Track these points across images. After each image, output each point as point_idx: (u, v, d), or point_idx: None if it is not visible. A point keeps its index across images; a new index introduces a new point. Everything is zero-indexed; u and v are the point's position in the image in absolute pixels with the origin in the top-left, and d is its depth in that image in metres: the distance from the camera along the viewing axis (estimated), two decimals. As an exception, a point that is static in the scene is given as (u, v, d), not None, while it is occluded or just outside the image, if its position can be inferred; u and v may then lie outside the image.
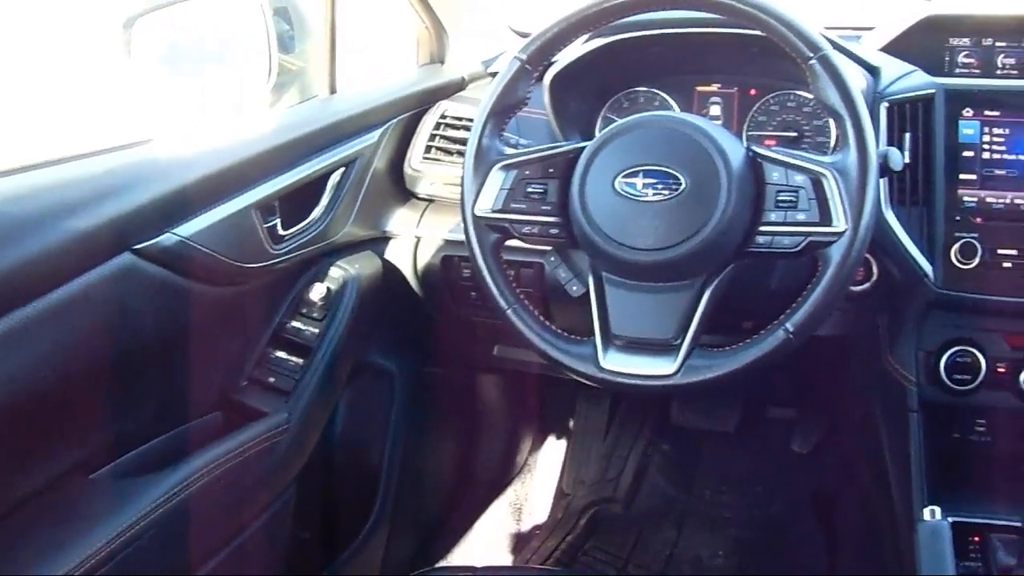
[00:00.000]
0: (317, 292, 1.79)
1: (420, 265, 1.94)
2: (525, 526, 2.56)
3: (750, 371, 1.30)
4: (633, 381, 1.34)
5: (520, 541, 2.51)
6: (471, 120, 1.47)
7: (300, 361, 1.77)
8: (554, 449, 2.72)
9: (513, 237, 1.43)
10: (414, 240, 1.93)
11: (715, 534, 2.49)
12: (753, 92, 1.78)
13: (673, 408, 2.63)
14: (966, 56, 1.78)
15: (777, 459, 2.61)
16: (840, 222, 1.27)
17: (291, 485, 1.80)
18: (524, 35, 1.46)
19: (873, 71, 1.67)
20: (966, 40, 1.78)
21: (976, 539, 1.53)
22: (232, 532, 1.65)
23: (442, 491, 2.42)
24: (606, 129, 1.39)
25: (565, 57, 1.72)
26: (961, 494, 1.60)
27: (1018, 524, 1.45)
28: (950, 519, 1.54)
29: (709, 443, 2.70)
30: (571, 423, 2.72)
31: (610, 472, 2.62)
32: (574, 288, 1.57)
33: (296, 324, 1.80)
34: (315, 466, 1.86)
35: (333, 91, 1.88)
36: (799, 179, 1.31)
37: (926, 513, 1.52)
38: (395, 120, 1.91)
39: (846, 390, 1.90)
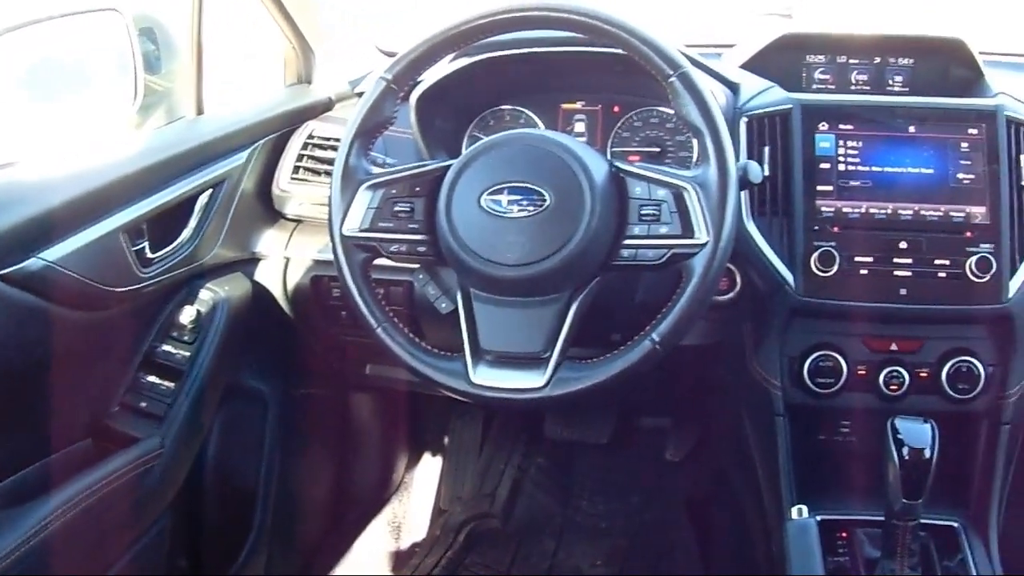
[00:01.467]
0: (187, 315, 1.77)
1: (290, 286, 1.93)
2: (404, 544, 2.56)
3: (618, 382, 1.33)
4: (503, 395, 1.35)
5: (399, 559, 2.50)
6: (338, 140, 1.47)
7: (171, 385, 1.74)
8: (430, 466, 2.72)
9: (381, 256, 1.44)
10: (283, 261, 1.92)
11: (593, 544, 2.51)
12: (617, 109, 1.82)
13: (547, 421, 2.66)
14: (822, 73, 1.86)
15: (651, 467, 2.66)
16: (702, 234, 1.31)
17: (165, 513, 1.77)
18: (391, 54, 1.47)
19: (733, 87, 1.72)
20: (822, 57, 1.86)
21: (843, 535, 1.60)
22: (105, 564, 1.62)
23: (320, 512, 2.40)
24: (471, 147, 1.41)
25: (431, 76, 1.74)
26: (828, 493, 1.67)
27: (881, 518, 1.50)
28: (818, 517, 1.60)
29: (584, 455, 2.73)
30: (446, 440, 2.73)
31: (486, 487, 2.63)
32: (443, 305, 1.58)
33: (167, 348, 1.77)
34: (190, 492, 1.83)
35: (200, 112, 1.86)
36: (661, 193, 1.34)
37: (794, 512, 1.58)
38: (263, 141, 1.90)
39: (715, 397, 1.95)
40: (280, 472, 2.13)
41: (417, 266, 1.60)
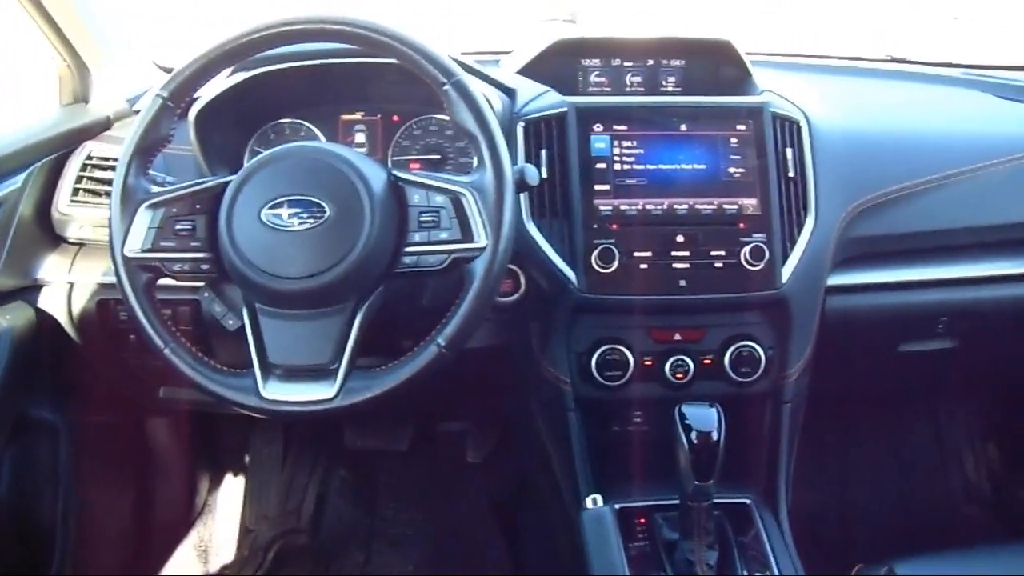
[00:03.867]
0: (-34, 349, 1.70)
1: (76, 311, 1.87)
2: (212, 567, 2.50)
3: (407, 387, 1.34)
4: (295, 408, 1.35)
5: (208, 583, 2.45)
6: (117, 160, 1.44)
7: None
8: (233, 486, 2.68)
9: (165, 275, 1.41)
10: (67, 286, 1.86)
11: (403, 552, 2.52)
12: (396, 118, 1.83)
13: (346, 432, 2.66)
14: (597, 76, 1.91)
15: (454, 471, 2.68)
16: (481, 238, 1.34)
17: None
18: (169, 71, 1.45)
19: (510, 93, 1.75)
20: (597, 61, 1.91)
21: (642, 521, 1.65)
22: None
23: (123, 542, 2.33)
24: (250, 162, 1.40)
25: (209, 92, 1.72)
26: (626, 482, 1.72)
27: (676, 501, 1.55)
28: (616, 506, 1.64)
29: (386, 463, 2.73)
30: (247, 458, 2.69)
31: (291, 503, 2.61)
32: (230, 322, 1.56)
33: (-51, 382, 1.69)
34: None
35: (-35, 136, 1.78)
36: (439, 200, 1.37)
37: (588, 502, 1.62)
38: (39, 163, 1.83)
39: (510, 397, 1.98)
40: (79, 505, 2.06)
41: (202, 284, 1.58)
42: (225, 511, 2.64)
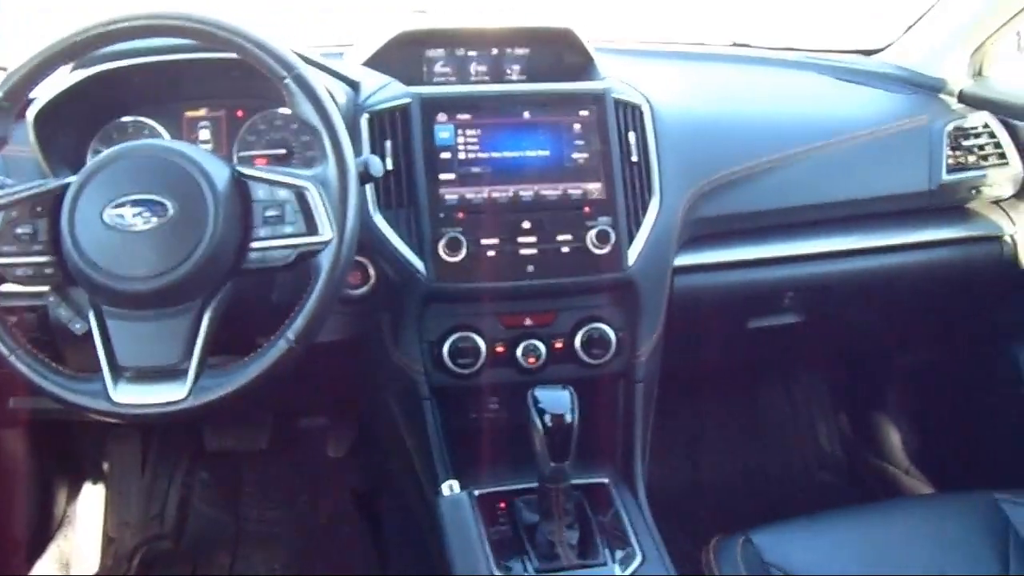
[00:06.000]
0: None
1: None
2: (75, 579, 2.45)
3: (259, 384, 1.34)
4: (147, 410, 1.33)
5: (71, 596, 2.40)
6: None
7: None
8: (93, 494, 2.62)
9: (7, 281, 1.38)
10: (-95, 297, 1.79)
11: (269, 551, 2.51)
12: (240, 114, 1.81)
13: (205, 434, 2.63)
14: (442, 66, 1.91)
15: (316, 467, 2.68)
16: (326, 231, 1.34)
17: None
18: (3, 69, 1.41)
19: (353, 85, 1.75)
20: (441, 51, 1.92)
21: (503, 505, 1.67)
22: None
23: (-21, 561, 2.26)
24: (90, 162, 1.38)
25: (48, 91, 1.67)
26: (485, 468, 1.74)
27: (535, 484, 1.58)
28: (476, 492, 1.66)
29: (247, 463, 2.71)
30: (106, 465, 2.63)
31: (153, 509, 2.57)
32: (77, 326, 1.53)
33: None
34: None
35: None
36: (283, 194, 1.36)
37: (445, 488, 1.63)
38: None
39: (366, 390, 1.98)
40: None
41: (47, 288, 1.54)
42: (85, 521, 2.58)
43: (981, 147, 2.13)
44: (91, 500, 2.61)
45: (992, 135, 2.14)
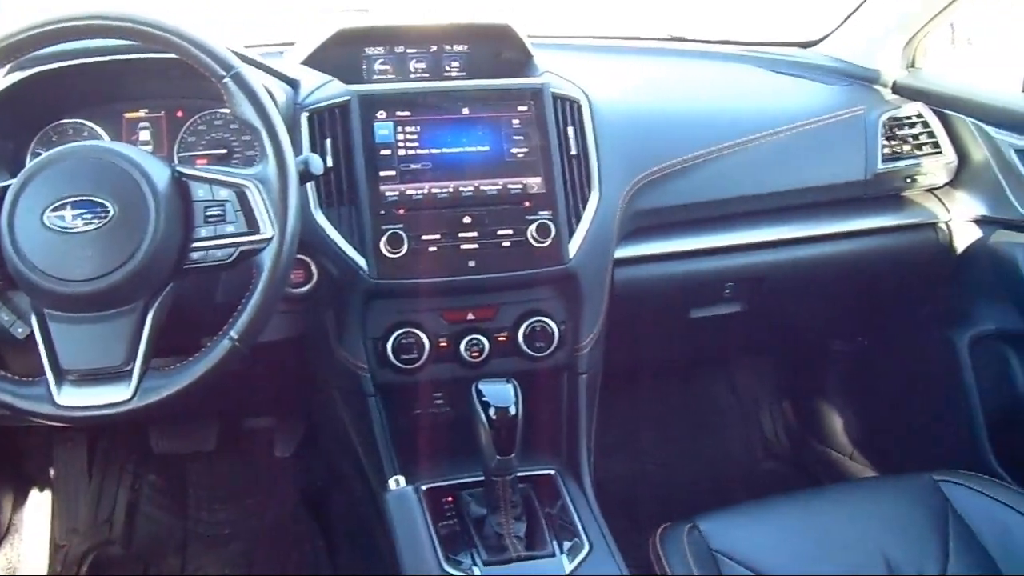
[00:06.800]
0: None
1: None
2: (23, 588, 2.43)
3: (204, 383, 1.34)
4: (91, 413, 1.32)
5: (20, 605, 2.38)
6: None
7: None
8: (39, 501, 2.59)
9: None
10: None
11: (219, 552, 2.50)
12: (180, 114, 1.80)
13: (152, 436, 2.61)
14: (381, 63, 1.91)
15: (263, 467, 2.67)
16: (267, 229, 1.35)
17: None
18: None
19: (293, 84, 1.75)
20: (381, 49, 1.92)
21: (450, 499, 1.68)
22: None
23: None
24: (29, 165, 1.37)
25: (-18, 95, 1.66)
26: (432, 463, 1.75)
27: (481, 477, 1.59)
28: (423, 487, 1.67)
29: (195, 465, 2.70)
30: (51, 471, 2.60)
31: (102, 513, 2.54)
32: (19, 330, 1.52)
33: None
34: None
35: None
36: (224, 193, 1.36)
37: (391, 484, 1.64)
38: None
39: (312, 388, 1.98)
40: None
41: None
42: (32, 528, 2.55)
43: (915, 136, 2.17)
44: (38, 507, 2.59)
45: (926, 125, 2.19)
